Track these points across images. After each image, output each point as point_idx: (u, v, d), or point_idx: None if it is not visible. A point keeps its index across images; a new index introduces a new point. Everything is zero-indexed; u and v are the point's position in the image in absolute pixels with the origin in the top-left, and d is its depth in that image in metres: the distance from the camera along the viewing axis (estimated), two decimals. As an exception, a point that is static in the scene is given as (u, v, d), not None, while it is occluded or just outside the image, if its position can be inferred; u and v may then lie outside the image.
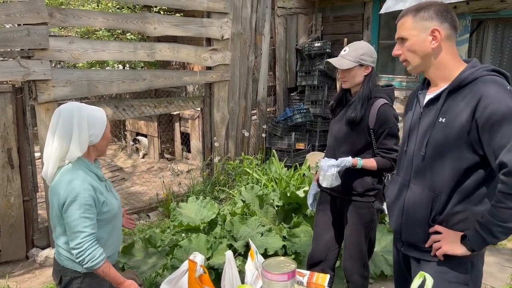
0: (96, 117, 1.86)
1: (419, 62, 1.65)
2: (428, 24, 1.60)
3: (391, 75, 6.02)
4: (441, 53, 1.62)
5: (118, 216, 2.00)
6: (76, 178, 1.80)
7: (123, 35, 6.76)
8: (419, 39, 1.62)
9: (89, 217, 1.78)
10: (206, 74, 5.03)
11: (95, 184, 1.84)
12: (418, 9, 1.63)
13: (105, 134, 1.90)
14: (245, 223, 3.49)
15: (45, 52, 3.67)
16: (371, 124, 2.31)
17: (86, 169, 1.86)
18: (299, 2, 6.35)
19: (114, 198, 1.98)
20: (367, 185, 2.38)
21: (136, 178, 6.14)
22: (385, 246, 3.54)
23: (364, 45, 2.38)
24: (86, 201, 1.77)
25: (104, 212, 1.87)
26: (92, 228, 1.79)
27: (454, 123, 1.54)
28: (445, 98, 1.59)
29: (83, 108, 1.85)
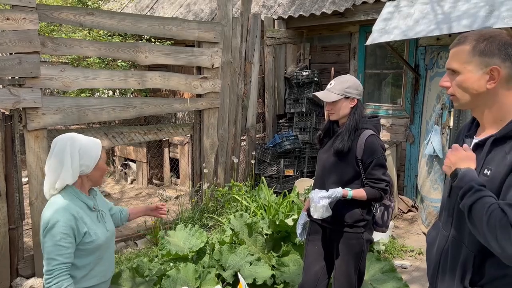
0: (88, 148, 1.92)
1: (468, 101, 1.45)
2: (488, 61, 1.38)
3: (377, 103, 6.15)
4: (497, 94, 1.40)
5: (106, 247, 2.01)
6: (59, 206, 1.86)
7: (114, 62, 6.83)
8: (474, 76, 1.40)
9: (65, 246, 1.81)
10: (196, 101, 5.09)
11: (79, 214, 1.88)
12: (479, 39, 1.40)
13: (98, 166, 1.96)
14: (234, 252, 3.48)
15: (36, 80, 3.70)
16: (359, 155, 2.37)
17: (75, 198, 1.92)
18: (287, 32, 6.51)
19: (104, 229, 2.00)
20: (356, 216, 2.41)
21: (124, 204, 6.08)
22: (374, 274, 3.55)
23: (349, 78, 2.47)
24: (63, 229, 1.81)
25: (87, 242, 1.90)
26: (66, 258, 1.82)
27: (497, 176, 1.34)
28: (490, 146, 1.39)
29: (77, 139, 1.93)
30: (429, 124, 5.02)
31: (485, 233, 1.27)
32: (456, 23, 4.02)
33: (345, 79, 2.45)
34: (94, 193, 2.07)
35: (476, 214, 1.30)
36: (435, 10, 4.39)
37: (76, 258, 1.90)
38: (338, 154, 2.41)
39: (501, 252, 1.26)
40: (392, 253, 4.42)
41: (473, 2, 4.12)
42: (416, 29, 4.36)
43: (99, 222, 1.99)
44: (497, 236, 1.24)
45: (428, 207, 4.93)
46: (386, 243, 4.48)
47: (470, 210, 1.32)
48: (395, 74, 6.11)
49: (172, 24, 4.67)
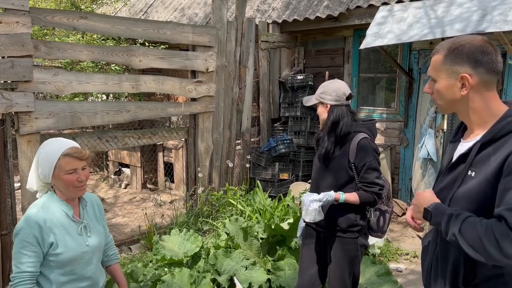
0: (45, 157, 1.82)
1: (448, 107, 1.51)
2: (458, 69, 1.42)
3: (371, 107, 6.17)
4: (474, 100, 1.44)
5: (81, 262, 1.88)
6: (28, 214, 1.80)
7: (107, 66, 6.80)
8: (447, 83, 1.45)
9: (27, 254, 1.74)
10: (191, 105, 5.08)
11: (47, 223, 1.78)
12: (450, 48, 1.44)
13: (56, 175, 1.81)
14: (229, 257, 3.46)
15: (29, 84, 3.67)
16: (352, 158, 2.38)
17: (53, 205, 1.84)
18: (282, 36, 6.52)
19: (82, 242, 1.88)
20: (350, 221, 2.41)
21: (117, 209, 6.04)
22: (369, 278, 3.54)
23: (328, 84, 2.50)
24: (25, 237, 1.74)
25: (55, 254, 1.79)
26: (28, 266, 1.75)
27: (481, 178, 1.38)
28: (477, 151, 1.42)
29: (45, 145, 1.86)
30: (423, 128, 5.05)
31: (485, 248, 1.28)
32: (449, 27, 4.05)
33: (323, 85, 2.51)
34: (84, 203, 1.96)
35: (469, 235, 1.32)
36: (428, 14, 4.42)
37: (46, 268, 1.82)
38: (324, 158, 2.44)
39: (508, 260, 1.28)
40: (387, 257, 4.41)
41: (465, 6, 4.16)
42: (410, 33, 4.38)
43: (79, 235, 1.87)
44: (500, 246, 1.26)
45: (422, 210, 4.94)
46: (381, 247, 4.48)
47: (461, 234, 1.34)
48: (389, 78, 6.14)
49: (167, 28, 4.66)
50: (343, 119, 2.43)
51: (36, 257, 1.77)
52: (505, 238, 1.25)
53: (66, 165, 1.80)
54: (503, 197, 1.31)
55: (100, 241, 1.99)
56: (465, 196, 1.42)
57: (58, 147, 1.83)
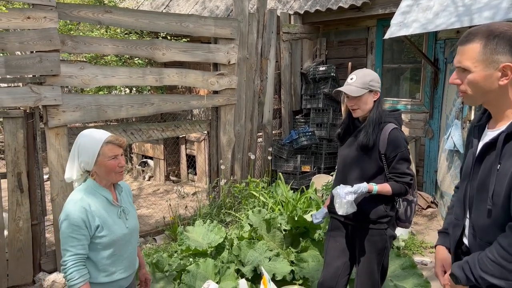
0: (86, 146, 1.94)
1: (479, 98, 1.47)
2: (500, 58, 1.37)
3: (395, 98, 6.07)
4: (508, 90, 1.41)
5: (123, 243, 2.01)
6: (73, 199, 1.91)
7: (131, 60, 6.88)
8: (485, 73, 1.39)
9: (76, 238, 1.85)
10: (213, 98, 5.10)
11: (92, 207, 1.90)
12: (489, 36, 1.38)
13: (99, 162, 1.94)
14: (252, 248, 3.48)
15: (56, 78, 3.75)
16: (382, 149, 2.34)
17: (93, 191, 1.96)
18: (303, 27, 6.47)
19: (122, 225, 2.01)
20: (380, 212, 2.38)
21: (142, 201, 6.15)
22: (394, 270, 3.51)
23: (371, 72, 2.44)
24: (74, 221, 1.85)
25: (100, 236, 1.91)
26: (79, 249, 1.86)
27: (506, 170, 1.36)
28: (503, 141, 1.39)
29: (83, 136, 1.97)
30: (449, 119, 4.94)
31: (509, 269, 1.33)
32: (478, 15, 3.93)
33: (367, 73, 2.41)
34: (119, 189, 2.10)
35: (491, 268, 1.35)
36: (456, 2, 4.30)
37: (91, 251, 1.92)
38: (363, 148, 2.37)
39: None
40: (411, 249, 4.36)
41: (495, -7, 4.02)
42: (436, 22, 4.28)
43: (119, 218, 2.01)
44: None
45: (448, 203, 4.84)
46: (405, 239, 4.43)
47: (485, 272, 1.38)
48: (413, 69, 6.02)
49: (189, 21, 4.68)
50: (383, 109, 2.42)
51: (85, 240, 1.89)
52: None
53: (109, 151, 1.94)
54: None
55: (136, 223, 2.13)
56: (500, 194, 1.38)
57: (98, 135, 1.96)
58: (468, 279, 1.43)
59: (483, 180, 1.46)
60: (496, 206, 1.39)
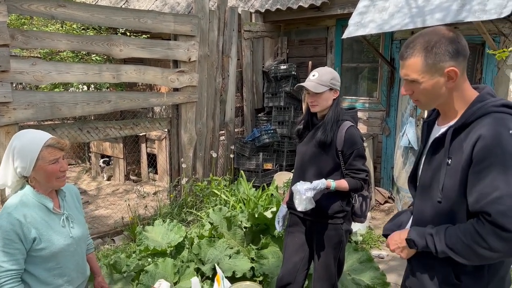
0: (23, 149, 1.76)
1: (433, 103, 1.54)
2: (443, 65, 1.44)
3: (354, 97, 6.21)
4: (454, 90, 1.48)
5: (67, 254, 1.86)
6: (6, 211, 1.75)
7: (88, 56, 6.67)
8: (433, 81, 1.46)
9: (9, 252, 1.70)
10: (173, 95, 5.03)
11: (27, 218, 1.75)
12: (427, 47, 1.44)
13: (38, 167, 1.77)
14: (213, 246, 3.47)
15: (6, 74, 3.58)
16: (339, 146, 2.39)
17: (31, 199, 1.80)
18: (264, 26, 6.49)
19: (65, 235, 1.85)
20: (336, 208, 2.44)
21: (100, 201, 5.99)
22: (352, 264, 3.60)
23: (332, 71, 2.50)
24: (6, 235, 1.70)
25: (38, 249, 1.76)
26: (12, 264, 1.71)
27: (456, 165, 1.42)
28: (451, 136, 1.46)
29: (19, 138, 1.80)
30: (404, 117, 5.11)
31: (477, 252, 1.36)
32: (430, 17, 4.08)
33: (328, 71, 2.46)
34: (62, 194, 1.94)
35: (457, 246, 1.39)
36: (409, 3, 4.45)
37: (30, 265, 1.78)
38: (321, 145, 2.42)
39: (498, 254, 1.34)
40: (369, 244, 4.49)
41: (446, -5, 4.19)
42: (391, 23, 4.41)
43: (62, 227, 1.85)
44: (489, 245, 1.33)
45: (404, 198, 5.02)
46: (363, 234, 4.55)
47: (450, 249, 1.41)
48: (371, 68, 6.18)
49: (148, 17, 4.60)
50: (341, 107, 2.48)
51: (19, 254, 1.73)
52: (491, 236, 1.32)
53: (50, 155, 1.79)
54: (474, 186, 1.36)
55: (83, 231, 1.98)
56: (452, 188, 1.44)
57: (38, 138, 1.80)
58: (427, 247, 1.47)
59: (431, 173, 1.53)
60: (446, 199, 1.45)
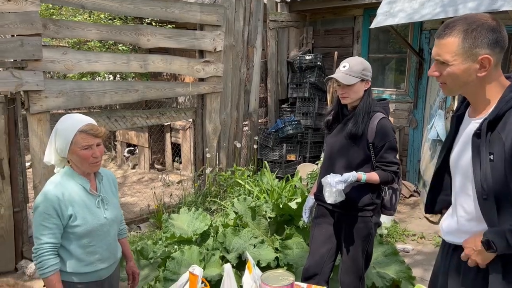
0: (61, 132, 1.86)
1: (458, 88, 1.50)
2: (479, 51, 1.39)
3: (380, 88, 6.11)
4: (487, 80, 1.44)
5: (99, 234, 1.93)
6: (47, 188, 1.86)
7: (115, 46, 6.77)
8: (464, 66, 1.42)
9: (48, 226, 1.80)
10: (199, 85, 5.06)
11: (65, 196, 1.84)
12: (467, 30, 1.40)
13: (72, 151, 1.85)
14: (237, 235, 3.49)
15: (38, 63, 3.67)
16: (370, 138, 2.35)
17: (70, 179, 1.89)
18: (290, 16, 6.44)
19: (100, 215, 1.93)
20: (366, 200, 2.41)
21: (126, 189, 6.10)
22: (376, 257, 3.57)
23: (363, 61, 2.43)
24: (45, 209, 1.80)
25: (73, 226, 1.85)
26: (49, 238, 1.81)
27: (499, 159, 1.39)
28: (486, 130, 1.42)
29: (62, 121, 1.90)
30: (433, 109, 5.00)
31: None
32: (462, 6, 3.97)
33: (359, 61, 2.40)
34: (100, 177, 2.02)
35: None
36: (441, -8, 4.33)
37: (66, 240, 1.87)
38: (352, 137, 2.37)
39: None
40: (394, 237, 4.44)
41: (479, -16, 4.06)
42: (422, 12, 4.30)
43: (97, 208, 1.93)
44: None
45: (430, 192, 4.93)
46: (388, 227, 4.51)
47: None
48: (398, 59, 6.06)
49: (175, 7, 4.62)
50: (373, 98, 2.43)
51: (57, 229, 1.83)
52: None
53: (82, 141, 1.85)
54: None
55: (116, 214, 2.05)
56: (498, 182, 1.40)
57: (75, 123, 1.87)
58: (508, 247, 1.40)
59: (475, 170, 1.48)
60: (492, 194, 1.41)
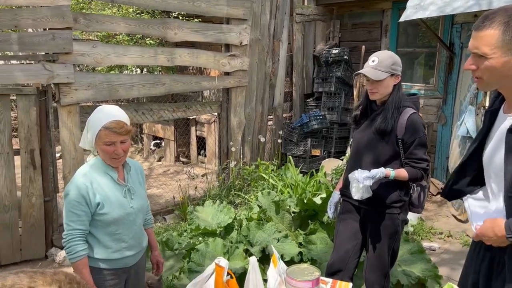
0: (91, 123, 1.91)
1: (495, 83, 1.46)
2: None
3: (409, 83, 5.98)
4: None
5: (125, 222, 1.99)
6: (77, 175, 1.92)
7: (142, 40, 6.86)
8: (504, 60, 1.37)
9: (76, 213, 1.86)
10: (224, 79, 5.08)
11: (94, 184, 1.90)
12: (508, 22, 1.34)
13: (97, 143, 1.90)
14: (261, 229, 3.50)
15: (69, 56, 3.75)
16: (400, 134, 2.29)
17: (99, 169, 1.95)
18: (317, 9, 6.37)
19: (126, 204, 1.98)
20: (394, 197, 2.36)
21: (152, 181, 6.20)
22: (402, 255, 3.51)
23: (393, 54, 2.37)
24: (75, 197, 1.86)
25: (101, 214, 1.91)
26: (78, 224, 1.87)
27: None
28: None
29: (94, 112, 1.95)
30: (463, 105, 4.87)
31: None
32: (497, -2, 3.83)
33: (389, 55, 2.33)
34: (128, 168, 2.07)
35: None
36: (475, -16, 4.18)
37: (93, 228, 1.93)
38: (380, 133, 2.32)
39: None
40: (420, 235, 4.36)
41: (516, -25, 3.90)
42: (453, 5, 4.18)
43: (124, 197, 1.98)
44: None
45: (459, 190, 4.81)
46: (414, 225, 4.43)
47: None
48: (428, 53, 5.91)
49: (202, 1, 4.63)
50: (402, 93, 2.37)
51: (85, 216, 1.89)
52: None
53: (105, 137, 1.88)
54: None
55: (142, 204, 2.10)
56: None
57: (103, 117, 1.89)
58: None
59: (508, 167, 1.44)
60: None
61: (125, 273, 2.06)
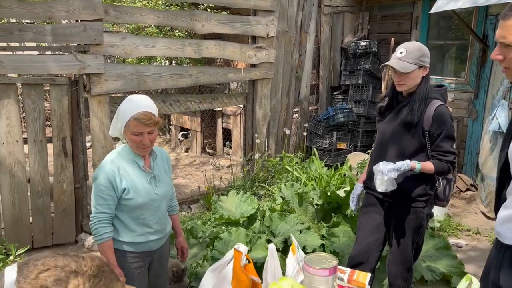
0: (121, 113, 1.97)
1: None
2: None
3: (439, 76, 5.84)
4: None
5: (150, 208, 2.04)
6: (105, 161, 2.00)
7: (171, 32, 6.95)
8: None
9: (103, 197, 1.94)
10: (250, 71, 5.09)
11: (121, 170, 1.97)
12: None
13: (125, 132, 1.96)
14: (284, 220, 3.52)
15: (100, 47, 3.85)
16: (427, 126, 2.25)
17: (126, 156, 2.02)
18: (346, 1, 6.28)
19: (151, 191, 2.03)
20: (419, 191, 2.32)
21: (179, 171, 6.31)
22: (427, 250, 3.46)
23: (421, 46, 2.32)
24: (102, 182, 1.94)
25: (127, 198, 1.97)
26: (104, 208, 1.95)
27: None
28: None
29: (124, 103, 1.99)
30: (496, 99, 4.71)
31: None
32: (535, -12, 3.67)
33: (417, 47, 2.29)
34: (154, 155, 2.12)
35: None
36: (511, -26, 4.03)
37: (119, 212, 2.01)
38: (406, 125, 2.28)
39: None
40: (447, 231, 4.27)
41: (556, -36, 3.73)
42: (488, -5, 4.04)
43: (149, 184, 2.04)
44: None
45: (488, 186, 4.68)
46: (441, 221, 4.34)
47: None
48: (459, 46, 5.74)
49: (229, -8, 4.66)
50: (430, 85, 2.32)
51: (111, 200, 1.97)
52: None
53: (134, 127, 1.93)
54: None
55: (167, 191, 2.15)
56: None
57: (133, 107, 1.95)
58: None
59: None
60: None
61: (149, 257, 2.14)
